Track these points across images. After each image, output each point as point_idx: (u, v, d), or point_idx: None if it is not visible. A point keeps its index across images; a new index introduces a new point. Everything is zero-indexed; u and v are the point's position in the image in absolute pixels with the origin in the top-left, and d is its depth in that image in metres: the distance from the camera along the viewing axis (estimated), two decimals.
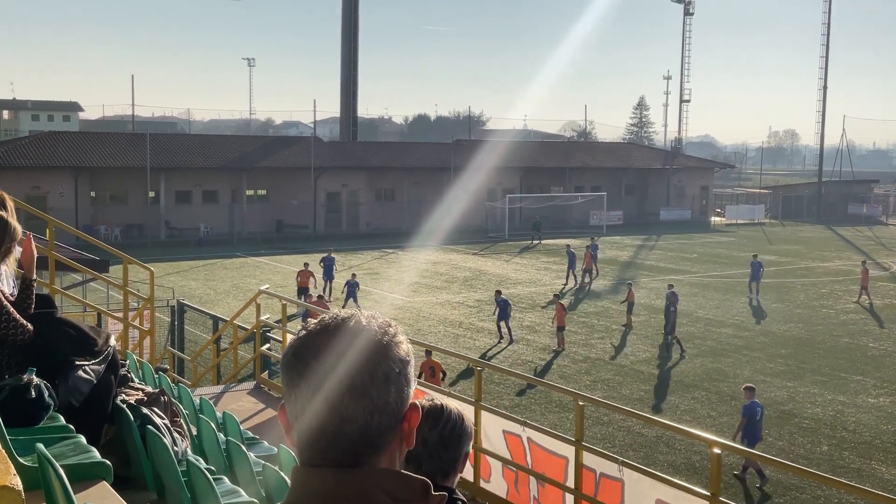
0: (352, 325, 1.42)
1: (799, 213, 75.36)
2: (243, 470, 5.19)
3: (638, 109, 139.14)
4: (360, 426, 1.36)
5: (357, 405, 1.36)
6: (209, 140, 59.90)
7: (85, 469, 3.90)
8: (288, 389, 1.41)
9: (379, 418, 1.38)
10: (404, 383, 1.42)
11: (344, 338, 1.40)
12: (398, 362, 1.41)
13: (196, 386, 13.15)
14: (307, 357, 1.39)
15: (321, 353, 1.38)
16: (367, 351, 1.39)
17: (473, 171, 55.51)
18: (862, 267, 33.26)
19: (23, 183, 44.20)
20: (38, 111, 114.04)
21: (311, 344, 1.40)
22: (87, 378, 4.67)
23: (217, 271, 38.55)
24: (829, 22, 78.36)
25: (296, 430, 1.40)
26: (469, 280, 36.45)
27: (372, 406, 1.37)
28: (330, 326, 1.42)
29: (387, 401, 1.38)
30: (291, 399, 1.40)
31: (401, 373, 1.41)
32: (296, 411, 1.39)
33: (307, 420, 1.37)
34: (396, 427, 1.41)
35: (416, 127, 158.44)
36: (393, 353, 1.41)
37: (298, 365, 1.39)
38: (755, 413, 15.06)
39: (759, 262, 34.16)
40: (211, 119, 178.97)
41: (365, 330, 1.42)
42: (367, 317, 1.45)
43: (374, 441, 1.38)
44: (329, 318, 1.45)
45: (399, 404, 1.40)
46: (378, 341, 1.41)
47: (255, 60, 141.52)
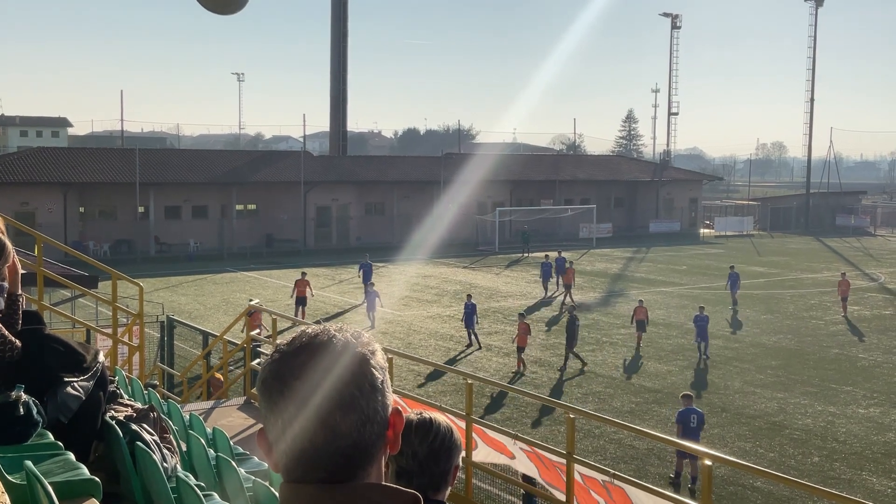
0: (325, 339, 1.40)
1: (787, 225, 75.70)
2: (233, 486, 5.17)
3: (627, 122, 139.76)
4: (354, 439, 1.36)
5: (349, 419, 1.35)
6: (198, 155, 59.88)
7: (74, 486, 3.88)
8: (269, 412, 1.38)
9: (370, 428, 1.37)
10: (387, 390, 1.42)
11: (322, 353, 1.38)
12: (380, 370, 1.41)
13: (186, 402, 13.09)
14: (287, 377, 1.36)
15: (302, 371, 1.36)
16: (350, 363, 1.38)
17: (463, 185, 55.61)
18: (842, 278, 33.30)
19: (11, 199, 44.06)
20: (27, 127, 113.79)
21: (289, 363, 1.38)
22: (75, 394, 4.64)
23: (207, 286, 38.44)
24: (815, 34, 79.00)
25: (280, 451, 1.37)
26: (459, 293, 36.41)
27: (363, 417, 1.36)
28: (304, 343, 1.40)
29: (376, 409, 1.38)
30: (273, 421, 1.37)
31: (384, 380, 1.42)
32: (279, 433, 1.36)
33: (295, 440, 1.35)
34: (384, 434, 1.41)
35: (405, 141, 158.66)
36: (374, 362, 1.41)
37: (279, 386, 1.36)
38: (689, 420, 15.23)
39: (736, 273, 34.28)
40: (200, 134, 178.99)
41: (341, 343, 1.40)
42: (338, 329, 1.44)
43: (366, 452, 1.38)
44: (300, 336, 1.42)
45: (385, 412, 1.41)
46: (358, 352, 1.40)
47: (244, 75, 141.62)
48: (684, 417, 15.29)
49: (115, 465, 4.74)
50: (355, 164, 62.11)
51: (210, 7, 3.82)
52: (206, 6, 3.80)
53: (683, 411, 15.42)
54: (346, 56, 64.87)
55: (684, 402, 15.68)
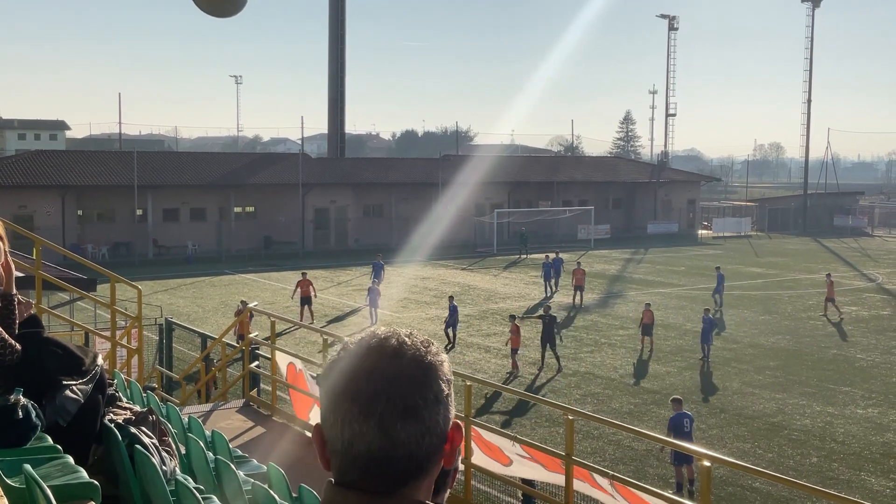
0: (395, 344, 1.37)
1: (785, 226, 75.74)
2: (232, 488, 5.17)
3: (624, 124, 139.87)
4: (411, 449, 1.33)
5: (410, 428, 1.32)
6: (196, 157, 59.88)
7: (73, 490, 3.87)
8: (330, 410, 1.36)
9: (429, 440, 1.35)
10: (450, 403, 1.39)
11: (391, 359, 1.35)
12: (447, 382, 1.39)
13: (184, 404, 13.08)
14: (353, 377, 1.35)
15: (369, 374, 1.34)
16: (417, 372, 1.35)
17: (461, 186, 55.60)
18: (827, 279, 33.26)
19: (9, 202, 44.02)
20: (25, 130, 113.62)
21: (358, 366, 1.36)
22: (74, 398, 4.64)
23: (205, 289, 38.43)
24: (812, 35, 79.12)
25: (335, 450, 1.36)
26: (458, 295, 36.40)
27: (423, 428, 1.33)
28: (373, 346, 1.38)
29: (436, 421, 1.35)
30: (332, 419, 1.35)
31: (448, 393, 1.39)
32: (337, 432, 1.34)
33: (352, 442, 1.33)
34: (442, 447, 1.38)
35: (403, 142, 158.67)
36: (441, 373, 1.38)
37: (344, 385, 1.35)
38: (682, 425, 15.05)
39: (721, 274, 34.27)
40: (198, 136, 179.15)
41: (410, 350, 1.37)
42: (408, 335, 1.40)
43: (422, 464, 1.35)
44: (370, 337, 1.40)
45: (445, 425, 1.38)
46: (426, 361, 1.37)
47: (242, 77, 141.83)
48: (677, 423, 15.09)
49: (113, 469, 4.73)
50: (353, 165, 62.11)
51: (207, 9, 3.83)
52: (204, 9, 3.80)
53: (676, 417, 15.22)
54: (345, 58, 64.92)
55: (674, 407, 15.46)
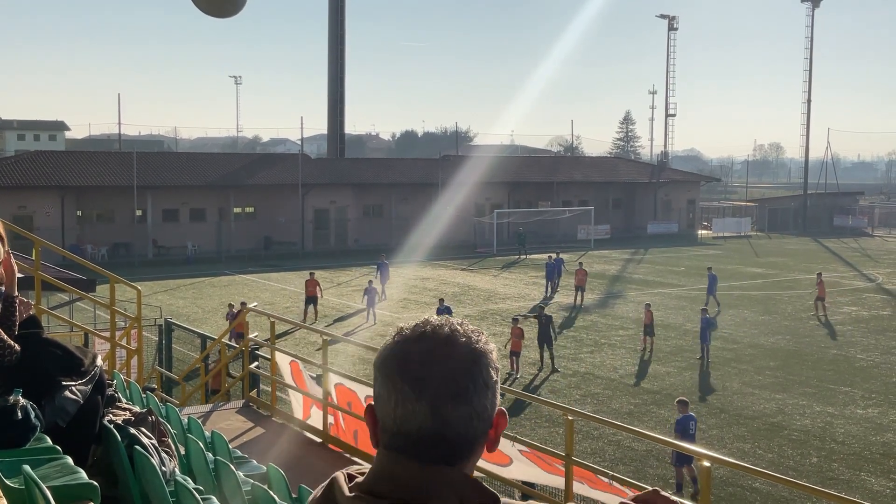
0: (448, 331, 1.45)
1: (785, 226, 75.74)
2: (231, 489, 5.16)
3: (624, 124, 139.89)
4: (461, 431, 1.41)
5: (460, 411, 1.40)
6: (196, 158, 59.85)
7: (72, 490, 3.87)
8: (384, 388, 1.43)
9: (477, 424, 1.43)
10: (497, 390, 1.47)
11: (444, 344, 1.43)
12: (495, 370, 1.47)
13: (184, 405, 13.08)
14: (408, 360, 1.42)
15: (423, 357, 1.42)
16: (469, 358, 1.43)
17: (461, 187, 55.62)
18: (818, 279, 33.24)
19: (9, 203, 44.01)
20: (24, 130, 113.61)
21: (412, 349, 1.43)
22: (73, 398, 4.64)
23: (205, 289, 38.42)
24: (812, 35, 79.14)
25: (387, 427, 1.44)
26: (458, 295, 36.44)
27: (472, 412, 1.42)
28: (427, 331, 1.45)
29: (484, 406, 1.43)
30: (386, 398, 1.43)
31: (496, 380, 1.47)
32: (390, 410, 1.42)
33: (404, 421, 1.41)
34: (487, 432, 1.46)
35: (403, 143, 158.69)
36: (490, 361, 1.46)
37: (400, 367, 1.42)
38: (688, 427, 14.93)
39: (713, 274, 34.23)
40: (198, 137, 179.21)
41: (462, 337, 1.45)
42: (460, 323, 1.48)
43: (469, 445, 1.44)
44: (424, 324, 1.48)
45: (492, 410, 1.46)
46: (477, 348, 1.45)
47: (241, 78, 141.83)
48: (683, 426, 14.93)
49: (113, 469, 4.73)
50: (353, 166, 62.10)
51: (207, 10, 3.82)
52: (203, 9, 3.80)
53: (682, 419, 15.07)
54: (344, 58, 64.93)
55: (680, 409, 15.29)
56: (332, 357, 13.31)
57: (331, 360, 11.57)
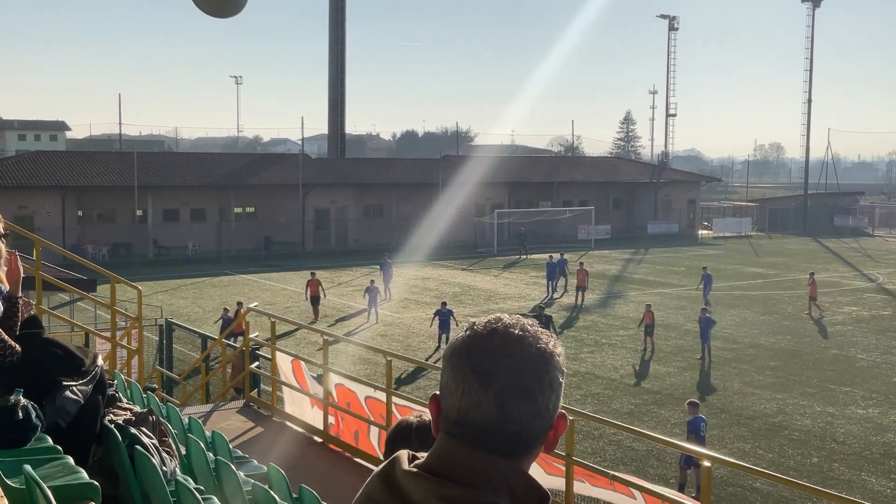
0: (519, 331, 1.48)
1: (785, 226, 75.71)
2: (232, 489, 5.17)
3: (624, 124, 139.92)
4: (522, 428, 1.44)
5: (524, 408, 1.43)
6: (197, 158, 59.86)
7: (73, 490, 3.87)
8: (451, 379, 1.46)
9: (538, 423, 1.46)
10: (561, 393, 1.50)
11: (514, 342, 1.46)
12: (562, 372, 1.50)
13: (185, 405, 13.08)
14: (478, 353, 1.45)
15: (493, 352, 1.45)
16: (537, 358, 1.46)
17: (461, 187, 55.61)
18: (810, 279, 33.36)
19: (9, 203, 43.96)
20: (25, 131, 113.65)
21: (483, 344, 1.46)
22: (74, 398, 4.64)
23: (205, 289, 38.42)
24: (812, 35, 79.13)
25: (450, 417, 1.47)
26: (458, 295, 36.44)
27: (535, 410, 1.45)
28: (499, 330, 1.48)
29: (547, 407, 1.46)
30: (453, 389, 1.46)
31: (562, 383, 1.50)
32: (456, 401, 1.45)
33: (469, 412, 1.44)
34: (547, 433, 1.49)
35: (403, 143, 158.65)
36: (558, 362, 1.49)
37: (469, 359, 1.45)
38: (699, 429, 14.79)
39: (709, 274, 34.17)
40: (198, 137, 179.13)
41: (532, 337, 1.48)
42: (530, 324, 1.51)
43: (528, 443, 1.46)
44: (495, 320, 1.50)
45: (554, 412, 1.48)
46: (546, 349, 1.48)
47: (242, 78, 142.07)
48: (695, 427, 14.75)
49: (114, 469, 4.73)
50: (354, 166, 62.10)
51: (208, 10, 3.83)
52: (204, 9, 3.80)
53: (693, 420, 14.90)
54: (345, 58, 64.93)
55: (691, 411, 15.12)
56: (332, 357, 13.31)
57: (331, 361, 11.57)
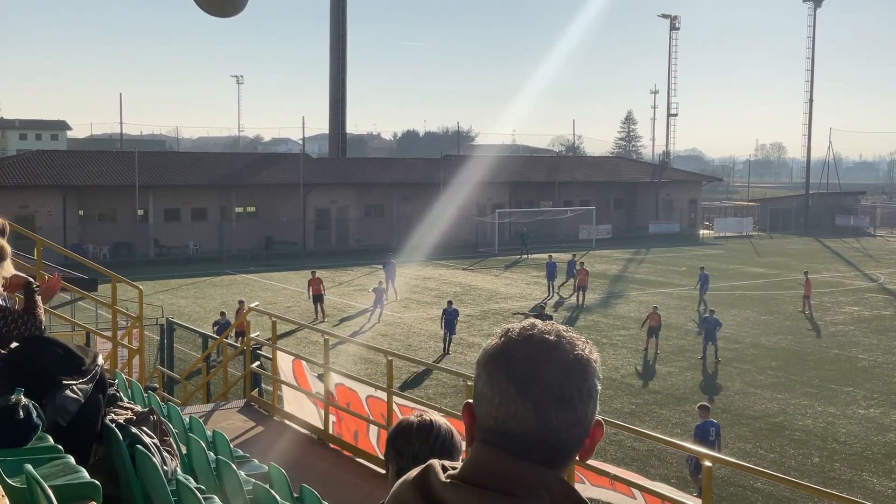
0: (556, 337, 1.45)
1: (787, 226, 75.69)
2: (233, 488, 5.16)
3: (626, 124, 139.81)
4: (561, 437, 1.42)
5: (563, 417, 1.41)
6: (198, 157, 59.87)
7: (73, 490, 3.87)
8: (487, 387, 1.43)
9: (577, 431, 1.43)
10: (598, 400, 1.48)
11: (552, 349, 1.43)
12: (599, 379, 1.47)
13: (185, 404, 13.08)
14: (515, 360, 1.42)
15: (531, 361, 1.42)
16: (575, 365, 1.43)
17: (462, 186, 55.60)
18: (805, 277, 33.45)
19: (10, 202, 43.98)
20: (26, 130, 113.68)
21: (519, 351, 1.43)
22: (74, 398, 4.64)
23: (206, 289, 38.43)
24: (814, 35, 79.10)
25: (485, 426, 1.44)
26: (459, 295, 36.43)
27: (574, 419, 1.42)
28: (534, 334, 1.45)
29: (586, 415, 1.44)
30: (490, 400, 1.43)
31: (599, 390, 1.47)
32: (492, 408, 1.42)
33: (507, 420, 1.41)
34: (584, 441, 1.46)
35: (404, 142, 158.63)
36: (595, 370, 1.46)
37: (506, 366, 1.42)
38: (708, 433, 14.63)
39: (706, 274, 34.15)
40: (199, 136, 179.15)
41: (569, 344, 1.45)
42: (566, 330, 1.49)
43: (566, 450, 1.44)
44: (531, 326, 1.48)
45: (592, 419, 1.46)
46: (584, 357, 1.45)
47: (243, 78, 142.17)
48: (704, 431, 14.59)
49: (114, 469, 4.73)
50: (354, 165, 62.10)
51: (209, 9, 3.82)
52: (205, 9, 3.80)
53: (702, 424, 14.74)
54: (346, 58, 64.91)
55: (701, 415, 14.96)
56: (333, 357, 13.30)
57: (332, 360, 11.57)
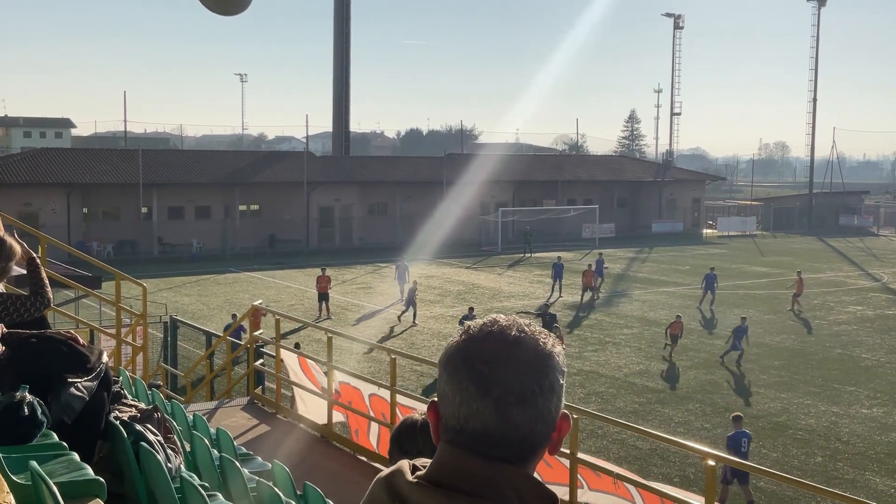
0: (516, 333, 1.44)
1: (790, 225, 75.59)
2: (237, 486, 5.18)
3: (629, 122, 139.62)
4: (524, 433, 1.40)
5: (525, 414, 1.40)
6: (202, 155, 59.94)
7: (78, 486, 3.89)
8: (449, 387, 1.43)
9: (541, 427, 1.42)
10: (563, 393, 1.46)
11: (512, 345, 1.42)
12: (561, 373, 1.45)
13: (189, 402, 13.11)
14: (474, 359, 1.41)
15: (490, 357, 1.41)
16: (535, 360, 1.42)
17: (466, 185, 55.58)
18: (797, 276, 33.47)
19: (15, 200, 44.08)
20: (30, 128, 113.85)
21: (478, 349, 1.42)
22: (79, 395, 4.66)
23: (210, 287, 38.46)
24: (818, 34, 78.92)
25: (450, 426, 1.43)
26: (462, 294, 36.45)
27: (537, 415, 1.41)
28: (494, 331, 1.44)
29: (549, 410, 1.42)
30: (452, 400, 1.42)
31: (562, 384, 1.45)
32: (455, 408, 1.42)
33: (469, 420, 1.40)
34: (550, 435, 1.45)
35: (408, 141, 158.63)
36: (557, 364, 1.45)
37: (468, 369, 1.41)
38: (740, 444, 14.46)
39: (713, 274, 33.94)
40: (203, 134, 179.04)
41: (529, 338, 1.44)
42: (528, 324, 1.47)
43: (531, 447, 1.43)
44: (491, 323, 1.46)
45: (556, 414, 1.44)
46: (544, 351, 1.44)
47: (247, 76, 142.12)
48: (736, 442, 14.41)
49: (119, 466, 4.75)
50: (358, 164, 62.11)
51: (213, 8, 3.84)
52: (209, 7, 3.81)
53: (734, 435, 14.59)
54: (349, 57, 64.91)
55: (735, 425, 14.83)
56: (336, 355, 13.31)
57: (336, 358, 11.58)
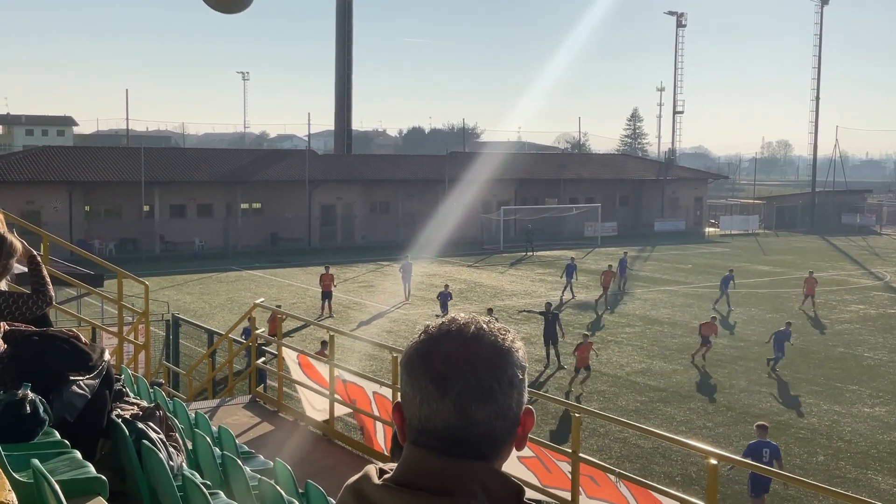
0: (473, 330, 1.46)
1: (793, 224, 75.51)
2: (239, 484, 5.18)
3: (631, 121, 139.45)
4: (485, 430, 1.42)
5: (484, 410, 1.41)
6: (204, 154, 59.93)
7: (80, 484, 3.89)
8: (409, 388, 1.45)
9: (502, 422, 1.43)
10: (524, 388, 1.47)
11: (469, 342, 1.44)
12: (521, 368, 1.47)
13: (191, 400, 13.11)
14: (432, 359, 1.43)
15: (447, 356, 1.42)
16: (493, 356, 1.44)
17: (468, 183, 55.56)
18: (809, 276, 33.36)
19: (17, 198, 44.09)
20: (33, 126, 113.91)
21: (437, 348, 1.44)
22: (81, 393, 4.66)
23: (212, 285, 38.48)
24: (821, 33, 78.85)
25: (413, 426, 1.45)
26: (464, 292, 36.44)
27: (497, 411, 1.42)
28: (452, 330, 1.46)
29: (510, 405, 1.44)
30: (412, 397, 1.44)
31: (522, 378, 1.46)
32: (416, 409, 1.44)
33: (430, 419, 1.42)
34: (514, 430, 1.46)
35: (410, 139, 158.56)
36: (516, 359, 1.46)
37: (424, 366, 1.43)
38: (760, 453, 13.84)
39: (730, 276, 33.59)
40: (205, 133, 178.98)
41: (487, 335, 1.45)
42: (487, 321, 1.49)
43: (494, 443, 1.44)
44: (450, 322, 1.48)
45: (518, 409, 1.46)
46: (502, 347, 1.45)
47: (249, 74, 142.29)
48: (755, 451, 13.85)
49: (121, 464, 4.75)
50: (360, 162, 62.10)
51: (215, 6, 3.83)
52: (212, 5, 3.81)
53: (755, 444, 14.11)
54: (351, 55, 64.90)
55: (758, 434, 14.45)
56: (339, 353, 13.30)
57: (338, 357, 11.58)
